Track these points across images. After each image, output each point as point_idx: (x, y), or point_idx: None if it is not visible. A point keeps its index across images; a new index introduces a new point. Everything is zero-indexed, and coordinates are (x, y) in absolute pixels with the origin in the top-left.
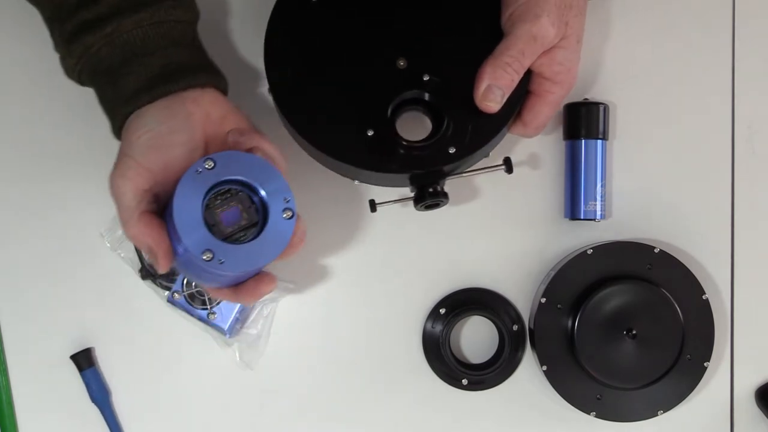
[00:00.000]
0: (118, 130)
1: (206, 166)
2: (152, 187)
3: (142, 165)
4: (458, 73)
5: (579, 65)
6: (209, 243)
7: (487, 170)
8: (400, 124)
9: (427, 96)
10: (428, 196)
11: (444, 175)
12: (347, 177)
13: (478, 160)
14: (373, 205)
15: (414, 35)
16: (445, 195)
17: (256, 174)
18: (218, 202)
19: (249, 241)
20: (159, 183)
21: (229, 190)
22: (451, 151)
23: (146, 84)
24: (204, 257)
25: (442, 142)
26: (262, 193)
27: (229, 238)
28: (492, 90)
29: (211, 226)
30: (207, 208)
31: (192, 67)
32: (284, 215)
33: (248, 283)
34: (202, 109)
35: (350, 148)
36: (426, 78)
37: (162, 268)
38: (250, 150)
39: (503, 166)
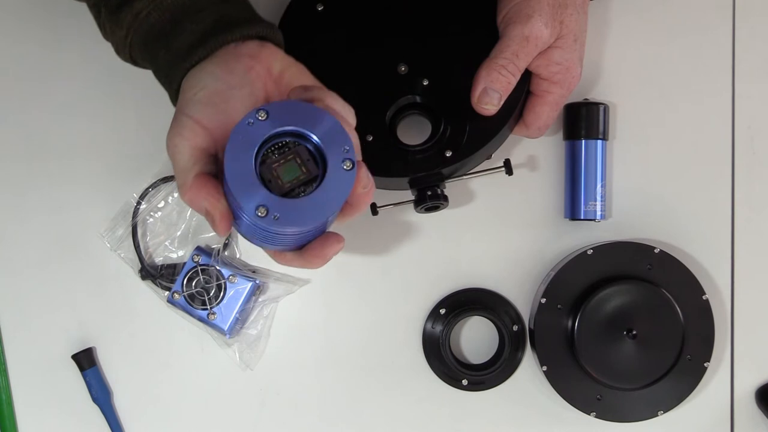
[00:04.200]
0: (175, 93)
1: (259, 117)
2: (209, 146)
3: (198, 123)
4: (457, 77)
5: (581, 65)
6: (263, 198)
7: (487, 172)
8: (402, 129)
9: (422, 100)
10: (427, 199)
11: (443, 178)
12: None
13: (480, 162)
14: (374, 209)
15: (415, 41)
16: (444, 198)
17: (312, 124)
18: (275, 156)
19: (311, 192)
20: (217, 142)
21: (286, 143)
22: (448, 154)
23: (200, 38)
24: (258, 213)
25: (439, 146)
26: (320, 143)
27: (288, 194)
28: (488, 93)
29: (268, 182)
30: (263, 162)
31: (245, 19)
32: (344, 166)
33: (314, 245)
34: (262, 64)
35: None
36: (426, 83)
37: (221, 232)
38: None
39: (503, 169)
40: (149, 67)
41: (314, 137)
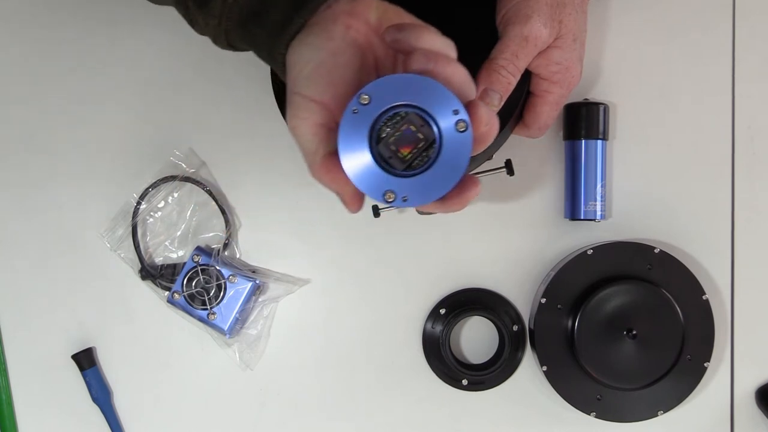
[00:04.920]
0: (281, 68)
1: (361, 102)
2: (328, 121)
3: (312, 100)
4: None
5: (581, 64)
6: (388, 183)
7: (488, 173)
8: None
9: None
10: None
11: None
12: None
13: (481, 163)
14: (376, 211)
15: None
16: None
17: (416, 93)
18: (389, 129)
19: (432, 161)
20: (335, 113)
21: (396, 114)
22: None
23: (292, 9)
24: (387, 199)
25: None
26: (429, 112)
27: (411, 165)
28: (488, 94)
29: (389, 158)
30: (379, 140)
31: None
32: (458, 128)
33: (452, 192)
34: (359, 19)
35: None
36: None
37: (352, 211)
38: (412, 52)
39: (504, 169)
40: (249, 48)
41: (426, 108)
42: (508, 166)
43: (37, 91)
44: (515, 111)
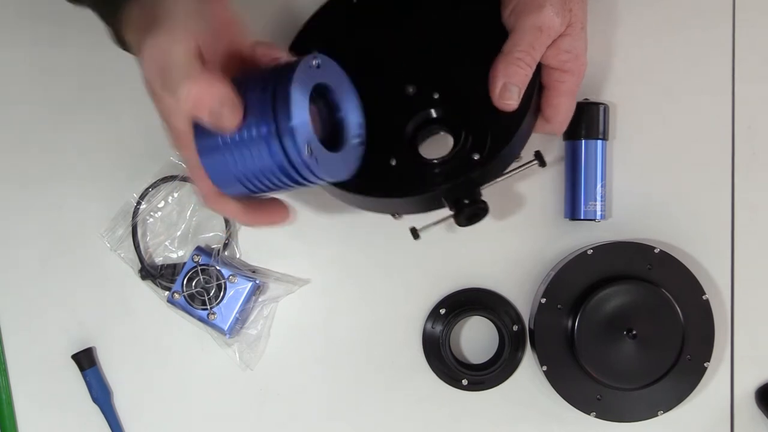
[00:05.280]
0: (119, 23)
1: (313, 63)
2: (201, 55)
3: (188, 29)
4: (466, 83)
5: (586, 53)
6: (312, 138)
7: (520, 169)
8: (426, 147)
9: (437, 114)
10: (466, 207)
11: (476, 184)
12: (385, 213)
13: (509, 163)
14: (415, 233)
15: (418, 58)
16: (483, 203)
17: (343, 88)
18: None
19: (332, 151)
20: (206, 52)
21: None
22: (476, 157)
23: None
24: (306, 151)
25: (465, 152)
26: (342, 107)
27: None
28: (508, 88)
29: None
30: None
31: None
32: (354, 141)
33: (265, 206)
34: (221, 3)
35: (376, 181)
36: (436, 96)
37: (232, 122)
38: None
39: (536, 161)
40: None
41: (343, 103)
42: (539, 158)
43: (37, 91)
44: (530, 105)
